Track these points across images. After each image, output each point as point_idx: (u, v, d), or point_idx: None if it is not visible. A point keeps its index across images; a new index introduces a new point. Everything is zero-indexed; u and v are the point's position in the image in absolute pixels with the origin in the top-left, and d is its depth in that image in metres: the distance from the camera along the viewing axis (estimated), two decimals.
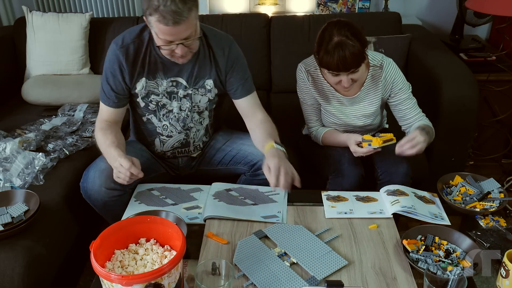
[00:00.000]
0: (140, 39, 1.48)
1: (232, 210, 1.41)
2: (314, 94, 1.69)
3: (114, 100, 1.53)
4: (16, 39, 2.44)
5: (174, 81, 1.53)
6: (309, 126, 1.79)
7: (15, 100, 2.35)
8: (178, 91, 1.55)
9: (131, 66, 1.49)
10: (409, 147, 1.46)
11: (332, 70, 1.48)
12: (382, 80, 1.63)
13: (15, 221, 1.41)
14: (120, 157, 1.36)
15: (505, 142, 2.45)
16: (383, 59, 1.63)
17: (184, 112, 1.58)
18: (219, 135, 1.75)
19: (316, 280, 1.14)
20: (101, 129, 1.51)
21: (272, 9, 2.83)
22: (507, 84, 2.24)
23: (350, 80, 1.51)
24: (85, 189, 1.48)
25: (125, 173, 1.35)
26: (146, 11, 1.30)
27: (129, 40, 1.48)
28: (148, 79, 1.51)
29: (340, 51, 1.43)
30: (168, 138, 1.63)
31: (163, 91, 1.54)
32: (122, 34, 1.51)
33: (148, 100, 1.55)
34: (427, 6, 2.86)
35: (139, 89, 1.52)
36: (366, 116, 1.70)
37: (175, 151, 1.67)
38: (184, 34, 1.34)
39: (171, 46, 1.36)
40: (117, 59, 1.47)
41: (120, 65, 1.48)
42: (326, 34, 1.47)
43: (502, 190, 1.47)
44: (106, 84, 1.51)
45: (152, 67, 1.50)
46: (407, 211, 1.36)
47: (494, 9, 1.92)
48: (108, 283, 0.96)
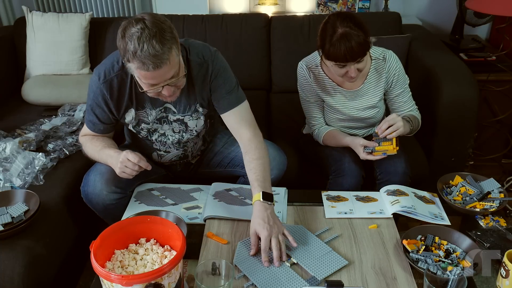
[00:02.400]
0: (123, 71, 1.38)
1: (232, 210, 1.41)
2: (316, 91, 1.70)
3: (100, 128, 1.49)
4: (16, 39, 2.44)
5: (162, 108, 1.48)
6: (312, 125, 1.79)
7: (15, 100, 2.34)
8: (168, 116, 1.50)
9: (117, 101, 1.43)
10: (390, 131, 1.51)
11: (340, 61, 1.48)
12: (385, 72, 1.65)
13: (15, 221, 1.41)
14: (126, 152, 1.35)
15: (505, 142, 2.45)
16: (385, 51, 1.66)
17: (178, 134, 1.54)
18: (217, 138, 1.74)
19: (316, 280, 1.14)
20: (87, 140, 1.50)
21: (272, 9, 2.83)
22: (507, 84, 2.24)
23: (356, 70, 1.52)
24: (85, 193, 1.47)
25: (132, 167, 1.35)
26: (124, 58, 1.22)
27: (112, 74, 1.39)
28: (137, 110, 1.46)
29: (346, 42, 1.43)
30: (166, 153, 1.61)
31: (153, 119, 1.49)
32: (102, 65, 1.41)
33: (139, 129, 1.51)
34: (427, 6, 2.86)
35: (129, 119, 1.48)
36: (370, 109, 1.70)
37: (173, 162, 1.67)
38: (168, 75, 1.25)
39: (156, 88, 1.28)
40: (101, 93, 1.41)
41: (105, 99, 1.42)
42: (328, 26, 1.47)
43: (502, 190, 1.47)
44: (91, 114, 1.46)
45: (140, 98, 1.44)
46: (407, 211, 1.36)
47: (494, 9, 1.92)
48: (108, 283, 0.96)
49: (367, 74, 1.66)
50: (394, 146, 1.53)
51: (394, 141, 1.53)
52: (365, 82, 1.66)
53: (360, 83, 1.67)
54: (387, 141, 1.54)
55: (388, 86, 1.68)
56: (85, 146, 1.51)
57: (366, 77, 1.66)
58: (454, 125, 1.92)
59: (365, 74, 1.65)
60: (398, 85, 1.66)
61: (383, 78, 1.66)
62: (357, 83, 1.67)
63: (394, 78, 1.65)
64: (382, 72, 1.65)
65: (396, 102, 1.69)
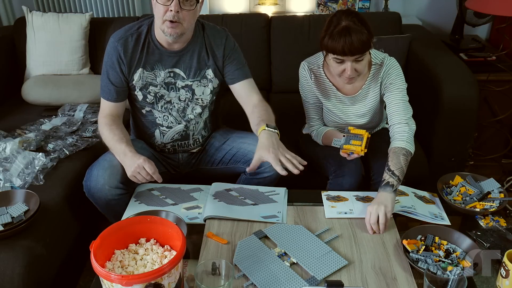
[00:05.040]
0: (138, 31, 1.53)
1: (232, 210, 1.41)
2: (316, 93, 1.70)
3: (113, 95, 1.55)
4: (16, 39, 2.44)
5: (171, 72, 1.55)
6: (310, 125, 1.79)
7: (15, 100, 2.35)
8: (176, 82, 1.57)
9: (130, 57, 1.52)
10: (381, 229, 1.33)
11: (338, 54, 1.47)
12: (381, 76, 1.62)
13: (15, 221, 1.41)
14: (144, 160, 1.39)
15: (505, 142, 2.45)
16: (385, 57, 1.63)
17: (183, 102, 1.60)
18: (218, 133, 1.75)
19: (316, 280, 1.14)
20: (106, 124, 1.53)
21: (272, 9, 2.83)
22: (507, 84, 2.24)
23: (353, 69, 1.50)
24: (88, 187, 1.48)
25: (145, 176, 1.40)
26: None
27: (128, 33, 1.52)
28: (146, 69, 1.54)
29: (347, 35, 1.43)
30: (168, 129, 1.64)
31: (161, 81, 1.56)
32: (119, 30, 1.55)
33: (146, 92, 1.57)
34: (427, 6, 2.86)
35: (136, 79, 1.54)
36: (367, 115, 1.70)
37: (175, 143, 1.68)
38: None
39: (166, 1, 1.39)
40: (116, 51, 1.51)
41: (118, 57, 1.51)
42: (334, 19, 1.49)
43: (502, 190, 1.47)
44: (105, 78, 1.54)
45: (150, 57, 1.53)
46: (407, 211, 1.36)
47: (494, 9, 1.92)
48: (108, 283, 0.96)
49: (366, 80, 1.65)
50: (362, 148, 1.50)
51: (364, 142, 1.50)
52: (363, 87, 1.65)
53: (358, 88, 1.66)
54: (357, 141, 1.51)
55: (382, 90, 1.64)
56: (103, 128, 1.55)
57: (364, 83, 1.65)
58: (454, 125, 1.92)
59: (363, 79, 1.65)
60: (392, 91, 1.58)
61: (378, 84, 1.64)
62: (355, 89, 1.66)
63: (386, 80, 1.60)
64: (377, 78, 1.63)
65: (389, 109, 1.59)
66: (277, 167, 1.31)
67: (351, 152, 1.52)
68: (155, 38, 1.52)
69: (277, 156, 1.33)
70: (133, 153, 1.43)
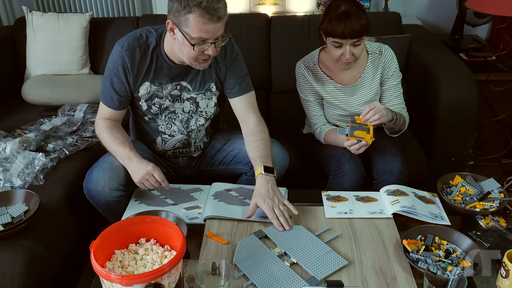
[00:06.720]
0: (146, 44, 1.47)
1: (232, 210, 1.41)
2: (316, 89, 1.71)
3: (116, 103, 1.52)
4: (16, 39, 2.44)
5: (178, 84, 1.53)
6: (313, 124, 1.79)
7: (15, 100, 2.34)
8: (182, 94, 1.55)
9: (136, 70, 1.47)
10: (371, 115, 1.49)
11: (337, 37, 1.51)
12: (381, 65, 1.68)
13: (15, 221, 1.41)
14: (153, 167, 1.40)
15: (505, 142, 2.45)
16: (381, 46, 1.69)
17: (187, 113, 1.58)
18: (219, 135, 1.75)
19: (316, 280, 1.14)
20: (106, 127, 1.51)
21: (272, 9, 2.83)
22: (507, 84, 2.24)
23: (351, 53, 1.54)
24: (88, 189, 1.47)
25: (154, 183, 1.41)
26: (182, 10, 1.28)
27: (136, 44, 1.46)
28: (153, 84, 1.51)
29: (347, 18, 1.48)
30: (170, 137, 1.62)
31: (167, 94, 1.53)
32: (125, 38, 1.48)
33: (151, 103, 1.54)
34: (427, 6, 2.86)
35: (142, 92, 1.51)
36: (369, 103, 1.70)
37: (176, 151, 1.67)
38: (220, 32, 1.36)
39: (206, 44, 1.34)
40: (122, 61, 1.46)
41: (125, 68, 1.46)
42: (333, 4, 1.53)
43: (502, 190, 1.47)
44: (109, 86, 1.49)
45: (158, 72, 1.49)
46: (407, 211, 1.36)
47: (494, 9, 1.92)
48: (108, 283, 0.96)
49: (364, 68, 1.67)
50: (371, 136, 1.52)
51: (371, 131, 1.52)
52: (362, 76, 1.69)
53: (357, 77, 1.68)
54: (364, 131, 1.53)
55: (382, 79, 1.70)
56: (102, 131, 1.52)
57: (363, 72, 1.67)
58: (454, 125, 1.92)
59: (362, 68, 1.67)
60: (391, 79, 1.69)
61: (379, 71, 1.68)
62: (354, 78, 1.68)
63: (389, 70, 1.68)
64: (378, 66, 1.68)
65: (386, 96, 1.71)
66: (274, 221, 1.33)
67: (359, 140, 1.52)
68: (164, 53, 1.47)
69: (272, 208, 1.35)
70: (138, 158, 1.43)
